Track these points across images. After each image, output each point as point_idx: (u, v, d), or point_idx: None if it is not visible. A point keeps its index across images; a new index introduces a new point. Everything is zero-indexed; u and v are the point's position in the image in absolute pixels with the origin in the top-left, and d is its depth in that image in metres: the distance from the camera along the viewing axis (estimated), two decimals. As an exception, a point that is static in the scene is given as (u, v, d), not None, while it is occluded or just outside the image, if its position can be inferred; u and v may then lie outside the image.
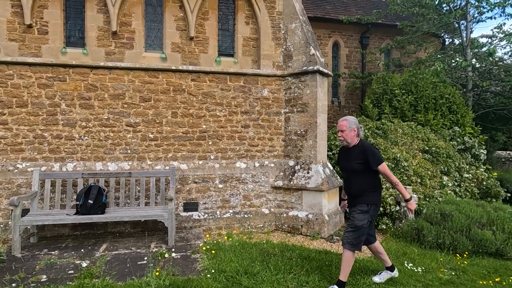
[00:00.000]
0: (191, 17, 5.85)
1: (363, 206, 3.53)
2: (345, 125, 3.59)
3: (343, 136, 3.61)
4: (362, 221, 3.50)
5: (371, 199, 3.57)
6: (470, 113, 8.56)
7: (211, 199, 5.89)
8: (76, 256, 4.28)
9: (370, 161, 3.47)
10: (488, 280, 3.96)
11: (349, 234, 3.53)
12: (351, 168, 3.59)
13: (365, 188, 3.56)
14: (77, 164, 5.43)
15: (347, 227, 3.61)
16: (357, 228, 3.49)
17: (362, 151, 3.54)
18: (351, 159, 3.60)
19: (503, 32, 8.90)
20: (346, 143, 3.64)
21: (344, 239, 3.56)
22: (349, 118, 3.67)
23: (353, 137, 3.61)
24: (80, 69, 5.43)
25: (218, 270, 3.86)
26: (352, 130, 3.58)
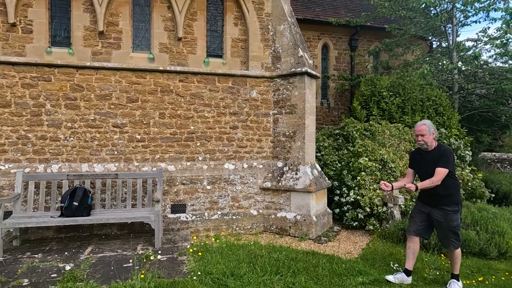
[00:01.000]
0: (179, 17, 5.82)
1: (453, 206, 3.65)
2: (425, 129, 3.65)
3: (423, 140, 3.66)
4: (457, 220, 3.65)
5: (459, 198, 3.72)
6: (456, 115, 8.69)
7: (199, 201, 5.86)
8: (60, 259, 4.20)
9: (439, 161, 3.56)
10: (471, 280, 4.03)
11: (450, 236, 3.69)
12: (431, 171, 3.60)
13: (453, 189, 3.67)
14: (62, 165, 5.34)
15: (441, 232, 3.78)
16: (455, 228, 3.65)
17: (442, 154, 3.61)
18: (430, 163, 3.64)
19: (487, 36, 9.07)
20: (426, 147, 3.70)
21: (450, 243, 3.71)
22: (427, 122, 3.72)
23: (432, 140, 3.68)
24: (65, 69, 5.35)
25: (204, 272, 3.84)
26: (431, 133, 3.66)
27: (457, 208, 3.66)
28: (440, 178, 3.53)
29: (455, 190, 3.70)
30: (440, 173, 3.55)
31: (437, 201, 3.70)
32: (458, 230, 3.68)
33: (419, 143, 3.72)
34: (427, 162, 3.69)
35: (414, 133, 3.81)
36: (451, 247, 3.71)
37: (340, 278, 3.90)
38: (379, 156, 6.41)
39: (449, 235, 3.68)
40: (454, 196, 3.67)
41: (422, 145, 3.68)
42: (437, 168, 3.56)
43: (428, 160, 3.69)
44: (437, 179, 3.53)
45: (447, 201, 3.64)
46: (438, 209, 3.71)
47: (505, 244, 4.82)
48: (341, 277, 3.93)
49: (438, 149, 3.69)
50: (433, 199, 3.73)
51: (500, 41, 8.36)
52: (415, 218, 3.95)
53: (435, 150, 3.68)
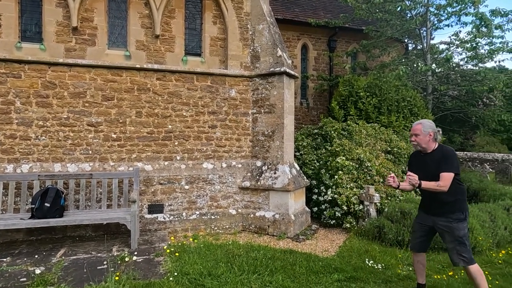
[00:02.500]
0: (156, 15, 5.73)
1: (458, 214, 3.25)
2: (419, 129, 3.33)
3: (416, 141, 3.35)
4: (464, 229, 3.23)
5: (465, 205, 3.31)
6: (430, 116, 8.98)
7: (177, 201, 5.79)
8: (30, 263, 4.05)
9: (441, 165, 3.20)
10: (442, 274, 4.17)
11: (456, 249, 3.23)
12: (432, 175, 3.24)
13: (458, 195, 3.28)
14: (33, 165, 5.15)
15: (450, 243, 3.28)
16: (461, 238, 3.22)
17: (444, 156, 3.25)
18: (430, 166, 3.29)
19: (459, 40, 9.43)
20: (420, 148, 3.38)
21: (454, 258, 3.26)
22: (425, 122, 3.39)
23: (428, 142, 3.32)
24: (37, 66, 5.16)
25: (181, 273, 3.80)
26: (427, 134, 3.31)
27: (462, 216, 3.26)
28: (447, 183, 3.16)
29: (461, 196, 3.31)
30: (446, 178, 3.18)
31: (441, 209, 3.33)
32: (465, 240, 3.23)
33: (412, 143, 3.44)
34: (427, 164, 3.34)
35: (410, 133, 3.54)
36: (461, 262, 3.22)
37: (317, 276, 3.95)
38: (356, 155, 6.53)
39: (455, 247, 3.23)
40: (459, 203, 3.29)
41: (415, 146, 3.40)
42: (442, 173, 3.18)
43: (428, 163, 3.34)
44: (444, 184, 3.16)
45: (451, 208, 3.27)
46: (442, 218, 3.32)
47: (474, 239, 5.01)
48: (317, 275, 3.98)
49: (439, 150, 3.33)
50: (436, 207, 3.37)
51: (470, 44, 8.71)
52: (415, 233, 3.62)
53: (436, 152, 3.33)
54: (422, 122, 3.37)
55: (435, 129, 3.34)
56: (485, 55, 8.84)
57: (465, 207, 3.31)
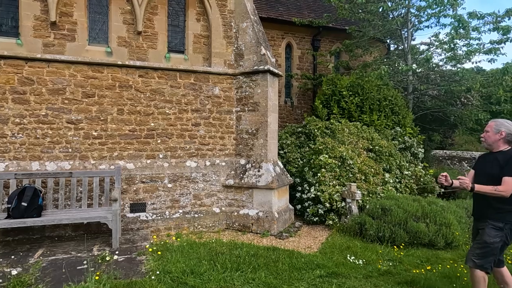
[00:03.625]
0: (139, 11, 5.64)
1: (498, 222, 3.05)
2: (492, 125, 3.19)
3: (484, 137, 3.22)
4: (494, 238, 3.03)
5: (508, 217, 3.05)
6: (410, 115, 9.18)
7: (160, 199, 5.73)
8: (6, 264, 3.93)
9: (506, 169, 3.00)
10: (420, 269, 4.28)
11: (475, 250, 3.13)
12: (490, 174, 3.09)
13: (504, 202, 3.03)
14: (9, 163, 4.99)
15: (474, 243, 3.21)
16: (486, 244, 3.05)
17: (508, 158, 3.04)
18: (491, 165, 3.13)
19: (438, 41, 9.67)
20: (486, 146, 3.24)
21: (469, 254, 3.18)
22: (500, 120, 3.21)
23: (496, 141, 3.15)
24: (13, 61, 5.00)
25: (163, 271, 3.77)
26: (498, 133, 3.13)
27: (501, 225, 3.03)
28: (508, 188, 2.93)
29: (509, 207, 3.04)
30: (509, 183, 2.94)
31: (485, 213, 3.15)
32: (488, 248, 3.04)
33: (480, 139, 3.33)
34: (490, 165, 3.14)
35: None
36: (470, 262, 3.13)
37: (299, 272, 3.99)
38: (339, 153, 6.62)
39: (476, 249, 3.13)
40: (505, 212, 3.04)
41: (482, 142, 3.26)
42: (505, 178, 2.96)
43: (489, 162, 3.17)
44: (506, 189, 2.93)
45: (494, 213, 3.07)
46: (482, 222, 3.16)
47: (451, 234, 5.18)
48: (300, 271, 4.02)
49: (507, 153, 3.10)
50: (481, 211, 3.20)
51: (449, 45, 8.94)
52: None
53: (504, 154, 3.10)
54: (497, 120, 3.22)
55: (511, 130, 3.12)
56: (462, 56, 9.09)
57: (509, 218, 3.05)
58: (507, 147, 3.14)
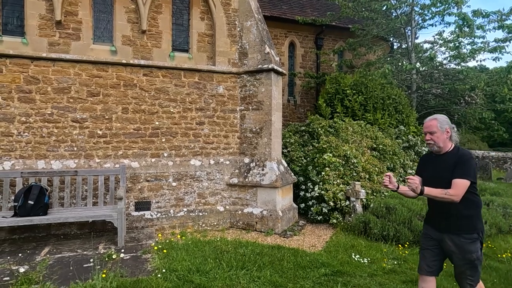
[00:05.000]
0: (143, 9, 5.65)
1: (472, 233, 2.69)
2: (435, 125, 2.77)
3: (433, 140, 2.78)
4: (476, 252, 2.68)
5: (477, 224, 2.73)
6: (414, 113, 9.17)
7: (164, 198, 5.75)
8: (13, 262, 3.96)
9: (456, 170, 2.65)
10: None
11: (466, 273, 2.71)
12: (441, 179, 2.70)
13: (467, 208, 2.70)
14: (15, 162, 5.02)
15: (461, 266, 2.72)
16: (472, 262, 2.68)
17: (461, 159, 2.68)
18: (443, 169, 2.73)
19: (442, 39, 9.64)
20: (436, 149, 2.80)
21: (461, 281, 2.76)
22: (440, 117, 2.83)
23: (445, 140, 2.77)
24: (19, 60, 5.02)
25: (169, 270, 3.79)
26: (444, 131, 2.76)
27: (476, 236, 2.70)
28: (460, 193, 2.60)
29: (476, 212, 2.76)
30: (460, 186, 2.61)
31: (451, 225, 2.75)
32: (478, 264, 2.71)
33: (427, 143, 2.85)
34: (438, 168, 2.79)
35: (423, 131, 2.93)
36: (468, 286, 2.74)
37: (304, 271, 4.00)
38: (343, 152, 6.62)
39: (465, 271, 2.72)
40: (474, 220, 2.73)
41: (432, 146, 2.81)
42: (455, 180, 2.62)
43: (440, 166, 2.79)
44: (456, 193, 2.59)
45: (464, 225, 2.70)
46: (451, 236, 2.74)
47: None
48: (305, 270, 4.03)
49: (455, 152, 2.76)
50: (445, 222, 2.79)
51: (453, 44, 8.91)
52: (424, 252, 2.94)
53: (450, 154, 2.77)
54: (438, 118, 2.82)
55: (451, 125, 2.82)
56: (467, 55, 9.07)
57: (481, 226, 2.76)
58: (452, 145, 2.82)
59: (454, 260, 2.77)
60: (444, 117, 2.82)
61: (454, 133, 2.80)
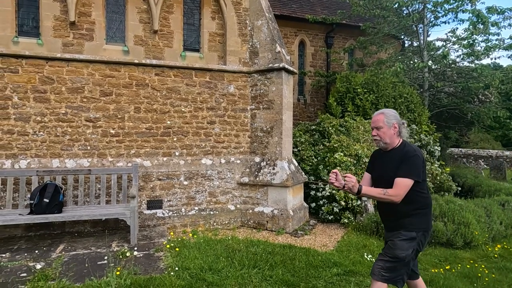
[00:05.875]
0: (155, 9, 5.69)
1: (411, 232, 2.55)
2: (382, 120, 2.63)
3: (379, 135, 2.64)
4: (406, 250, 2.51)
5: (420, 223, 2.58)
6: (426, 112, 9.04)
7: (176, 196, 5.80)
8: (30, 258, 4.05)
9: (399, 168, 2.51)
10: (439, 268, 4.22)
11: (383, 263, 2.58)
12: (389, 178, 2.55)
13: (412, 207, 2.56)
14: (31, 161, 5.12)
15: (383, 254, 2.64)
16: (397, 259, 2.53)
17: (405, 157, 2.54)
18: (389, 167, 2.59)
19: (456, 37, 9.48)
20: (383, 145, 2.66)
21: (375, 268, 2.61)
22: (388, 111, 2.69)
23: (392, 136, 2.63)
24: (34, 60, 5.11)
25: (182, 268, 3.82)
26: (391, 126, 2.61)
27: (414, 235, 2.54)
28: (400, 193, 2.46)
29: (423, 211, 2.60)
30: (400, 186, 2.47)
31: (396, 225, 2.62)
32: (400, 262, 2.52)
33: (374, 139, 2.71)
34: (385, 165, 2.66)
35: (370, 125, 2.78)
36: (377, 276, 2.57)
37: (316, 270, 3.99)
38: (354, 151, 6.57)
39: (384, 261, 2.59)
40: (419, 219, 2.57)
41: (378, 141, 2.67)
42: (397, 179, 2.49)
43: (386, 163, 2.65)
44: (396, 193, 2.46)
45: (405, 223, 2.57)
46: (392, 233, 2.64)
47: (470, 234, 5.09)
48: (317, 269, 4.02)
49: (400, 149, 2.61)
50: (391, 222, 2.68)
51: (467, 41, 8.76)
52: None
53: (397, 150, 2.62)
54: (385, 112, 2.68)
55: (400, 121, 2.67)
56: (481, 52, 8.90)
57: (423, 224, 2.58)
58: (400, 141, 2.66)
59: (384, 250, 2.66)
60: (392, 112, 2.69)
61: (403, 129, 2.66)
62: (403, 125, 2.68)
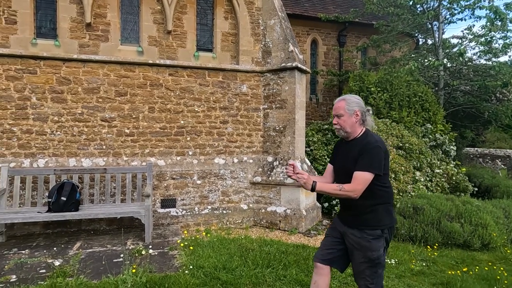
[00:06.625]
0: (168, 10, 5.74)
1: (375, 229, 2.39)
2: (343, 107, 2.43)
3: (339, 124, 2.45)
4: (378, 250, 2.38)
5: (383, 219, 2.41)
6: (441, 111, 8.87)
7: (189, 195, 5.84)
8: (48, 255, 4.14)
9: (358, 161, 2.34)
10: (456, 270, 4.15)
11: (364, 273, 2.42)
12: (348, 171, 2.38)
13: (373, 202, 2.40)
14: (49, 160, 5.23)
15: (359, 264, 2.45)
16: (373, 261, 2.39)
17: (365, 148, 2.36)
18: (349, 159, 2.42)
19: (472, 34, 9.27)
20: (343, 134, 2.48)
21: (360, 280, 2.46)
22: (349, 97, 2.49)
23: (354, 124, 2.43)
24: (51, 62, 5.22)
25: (196, 266, 3.85)
26: (353, 114, 2.42)
27: (379, 233, 2.38)
28: (358, 188, 2.30)
29: (384, 206, 2.42)
30: (358, 180, 2.30)
31: (355, 219, 2.47)
32: (378, 265, 2.40)
33: (334, 128, 2.52)
34: (345, 156, 2.47)
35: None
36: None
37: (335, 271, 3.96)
38: (368, 150, 6.49)
39: (364, 271, 2.43)
40: (380, 214, 2.40)
41: (339, 130, 2.48)
42: (355, 173, 2.32)
43: (347, 154, 2.46)
44: (354, 188, 2.30)
45: (368, 220, 2.40)
46: (353, 230, 2.46)
47: (488, 235, 4.98)
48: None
49: (362, 139, 2.42)
50: (349, 216, 2.52)
51: (485, 38, 8.55)
52: (324, 239, 2.71)
53: (358, 141, 2.43)
54: (346, 98, 2.48)
55: (363, 108, 2.47)
56: (499, 50, 8.68)
57: (387, 220, 2.42)
58: (362, 129, 2.47)
59: (354, 257, 2.49)
60: (354, 98, 2.49)
61: (368, 117, 2.48)
62: (368, 112, 2.52)
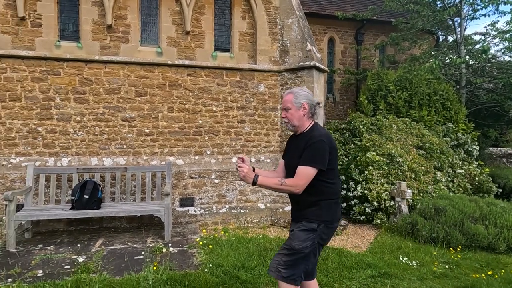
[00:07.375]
0: (187, 11, 5.80)
1: (312, 223, 2.31)
2: (290, 100, 2.37)
3: (287, 117, 2.39)
4: (304, 242, 2.28)
5: (324, 215, 2.32)
6: (463, 110, 8.65)
7: (207, 194, 5.89)
8: (72, 251, 4.25)
9: (302, 155, 2.27)
10: (480, 273, 4.03)
11: (280, 258, 2.35)
12: (295, 165, 2.30)
13: (316, 198, 2.32)
14: (72, 159, 5.38)
15: (281, 248, 2.42)
16: (294, 250, 2.30)
17: (309, 143, 2.28)
18: (295, 153, 2.36)
19: (496, 30, 8.98)
20: (291, 128, 2.42)
21: (272, 264, 2.38)
22: (297, 91, 2.42)
23: (301, 118, 2.36)
24: (74, 63, 5.36)
25: (215, 265, 3.87)
26: (300, 107, 2.34)
27: (314, 227, 2.29)
28: (299, 183, 2.24)
29: (327, 202, 2.33)
30: (301, 175, 2.25)
31: (298, 214, 2.40)
32: (298, 255, 2.29)
33: (283, 122, 2.49)
34: (292, 150, 2.43)
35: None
36: (275, 273, 2.34)
37: (350, 271, 3.92)
38: (387, 150, 6.40)
39: (281, 255, 2.36)
40: (322, 210, 2.31)
41: (287, 124, 2.43)
42: (298, 167, 2.26)
43: (294, 149, 2.42)
44: (296, 183, 2.25)
45: (307, 213, 2.33)
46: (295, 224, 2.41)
47: (515, 239, 4.82)
48: (350, 270, 3.95)
49: (308, 133, 2.36)
50: (295, 210, 2.47)
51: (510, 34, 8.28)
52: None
53: (304, 135, 2.37)
54: (294, 91, 2.41)
55: (312, 101, 2.40)
56: (525, 46, 8.40)
57: (326, 216, 2.32)
58: (311, 122, 2.40)
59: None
60: (302, 91, 2.42)
61: (318, 110, 2.42)
62: (318, 105, 2.46)
